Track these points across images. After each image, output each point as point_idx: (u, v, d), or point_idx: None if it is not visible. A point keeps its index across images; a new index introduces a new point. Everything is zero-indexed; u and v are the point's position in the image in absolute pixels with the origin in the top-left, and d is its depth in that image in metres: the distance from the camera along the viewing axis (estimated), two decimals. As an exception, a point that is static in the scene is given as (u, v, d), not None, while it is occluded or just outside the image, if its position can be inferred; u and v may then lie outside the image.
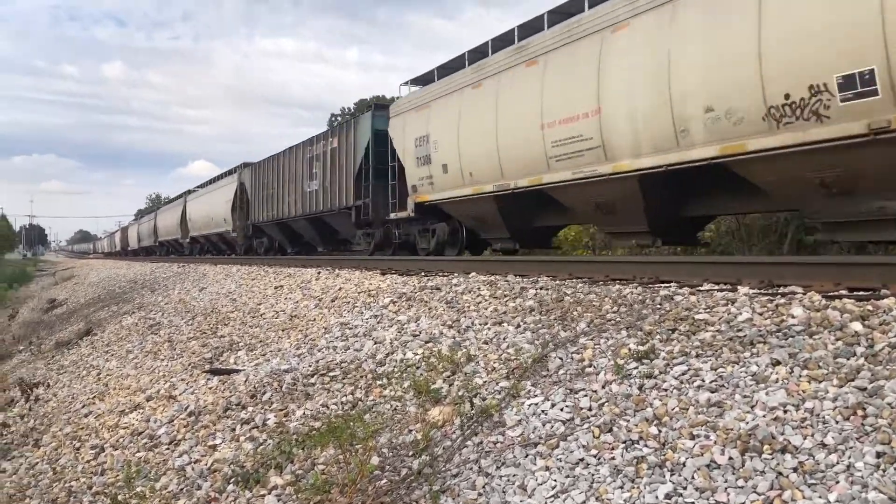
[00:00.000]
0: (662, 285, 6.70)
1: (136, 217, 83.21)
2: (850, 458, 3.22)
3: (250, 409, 6.38)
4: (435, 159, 14.41)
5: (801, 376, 3.91)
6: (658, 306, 5.77)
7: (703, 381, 4.21)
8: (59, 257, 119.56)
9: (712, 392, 4.04)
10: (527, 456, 4.14)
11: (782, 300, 5.11)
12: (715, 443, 3.59)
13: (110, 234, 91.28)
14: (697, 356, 4.55)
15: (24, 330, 21.11)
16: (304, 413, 5.86)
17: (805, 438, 3.41)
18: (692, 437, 3.71)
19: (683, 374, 4.37)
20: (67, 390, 10.45)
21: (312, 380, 6.61)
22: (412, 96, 15.82)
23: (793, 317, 4.68)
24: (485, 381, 5.25)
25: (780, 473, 3.27)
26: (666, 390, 4.26)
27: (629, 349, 4.94)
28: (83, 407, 9.01)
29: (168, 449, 6.30)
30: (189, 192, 42.23)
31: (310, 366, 7.00)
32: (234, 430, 6.08)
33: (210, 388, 7.42)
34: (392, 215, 16.68)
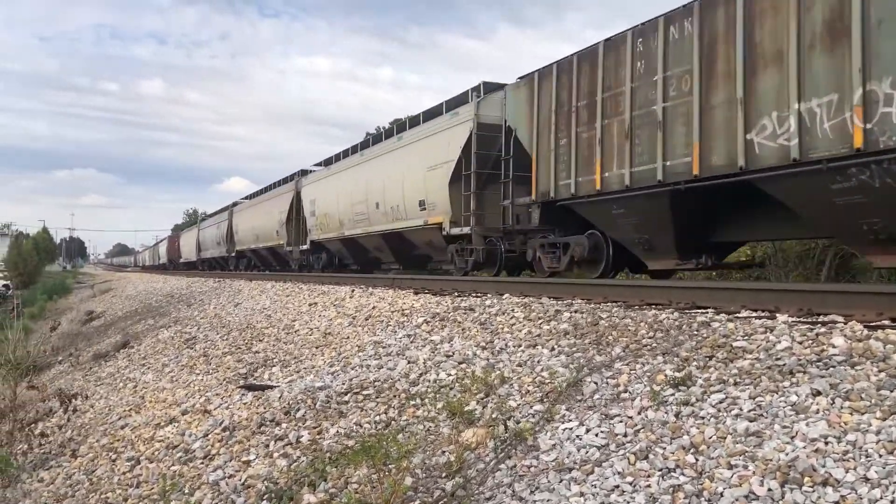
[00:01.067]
0: (699, 311, 6.65)
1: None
2: (893, 493, 3.16)
3: (284, 425, 6.43)
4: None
5: (842, 408, 3.84)
6: (695, 332, 5.72)
7: (741, 409, 4.16)
8: (97, 270, 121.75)
9: (751, 421, 3.99)
10: (561, 481, 4.12)
11: (822, 329, 5.03)
12: (754, 473, 3.54)
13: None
14: (735, 384, 4.50)
15: (62, 341, 21.51)
16: (337, 431, 5.89)
17: (847, 472, 3.35)
18: (730, 467, 3.66)
19: (721, 402, 4.32)
20: (104, 402, 10.62)
21: (346, 398, 6.64)
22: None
23: (833, 346, 4.61)
24: (519, 404, 5.24)
25: (821, 507, 3.22)
26: (703, 418, 4.22)
27: (665, 375, 4.90)
28: (119, 419, 9.15)
29: (202, 463, 6.36)
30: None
31: (343, 384, 7.04)
32: (267, 446, 6.13)
33: (244, 404, 7.49)
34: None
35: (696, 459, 3.84)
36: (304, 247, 25.77)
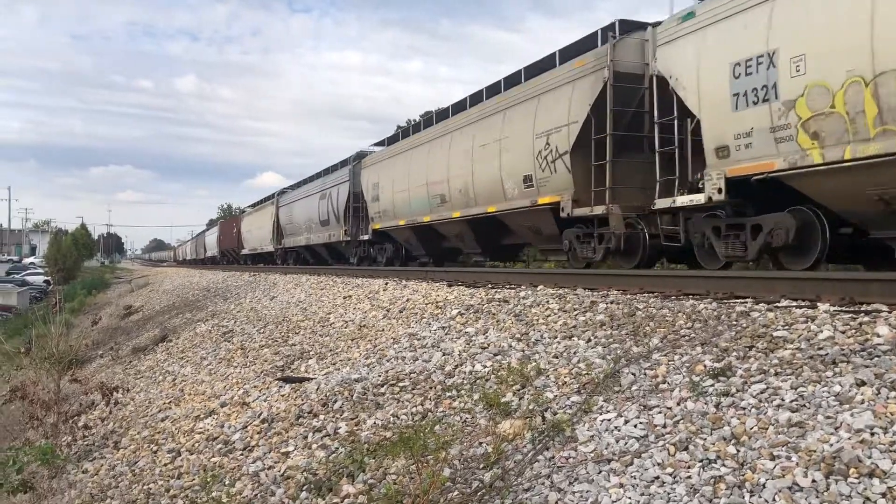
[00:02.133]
0: (738, 301, 6.57)
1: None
2: (943, 484, 3.10)
3: (322, 417, 6.49)
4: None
5: (888, 398, 3.77)
6: (734, 322, 5.66)
7: (782, 400, 4.10)
8: (134, 265, 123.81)
9: (793, 412, 3.94)
10: (600, 472, 4.10)
11: (866, 318, 4.94)
12: (797, 464, 3.50)
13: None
14: (776, 374, 4.44)
15: (102, 335, 21.92)
16: (374, 422, 5.92)
17: (894, 463, 3.29)
18: (772, 458, 3.61)
19: (762, 392, 4.27)
20: (144, 395, 10.81)
21: (382, 389, 6.68)
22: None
23: (878, 336, 4.53)
24: (556, 396, 5.23)
25: (868, 499, 3.17)
26: (744, 409, 4.17)
27: (704, 366, 4.85)
28: (160, 411, 9.30)
29: (242, 455, 6.44)
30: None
31: (379, 375, 7.08)
32: (306, 437, 6.18)
33: (282, 396, 7.57)
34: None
35: (738, 450, 3.80)
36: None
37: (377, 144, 24.24)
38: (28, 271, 70.32)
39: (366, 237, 22.56)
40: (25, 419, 10.01)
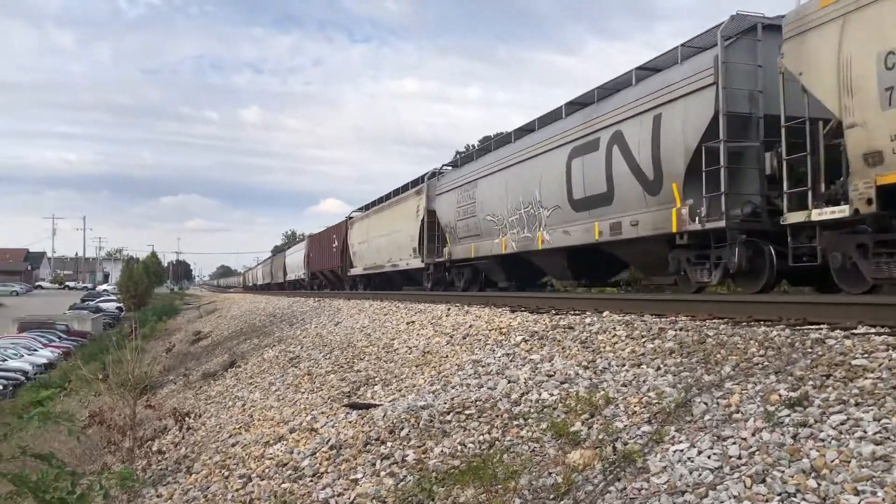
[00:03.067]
0: (812, 327, 6.39)
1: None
2: None
3: (389, 444, 6.53)
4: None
5: (978, 431, 3.62)
6: (809, 350, 5.51)
7: (864, 432, 3.98)
8: (202, 291, 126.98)
9: (877, 444, 3.81)
10: (674, 504, 4.03)
11: (952, 346, 4.76)
12: (883, 500, 3.38)
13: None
14: (857, 405, 4.31)
15: (172, 360, 22.54)
16: (442, 450, 5.94)
17: None
18: (856, 493, 3.50)
19: (842, 423, 4.15)
20: (215, 420, 11.05)
21: (449, 417, 6.69)
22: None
23: (965, 365, 4.36)
24: (626, 425, 5.16)
25: (960, 537, 3.04)
26: (823, 440, 4.06)
27: (780, 395, 4.74)
28: (230, 437, 9.49)
29: (311, 481, 6.52)
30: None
31: (445, 403, 7.09)
32: (374, 464, 6.23)
33: (350, 422, 7.65)
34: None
35: (819, 484, 3.69)
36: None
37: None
38: (101, 298, 72.97)
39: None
40: (103, 444, 10.34)
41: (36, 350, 38.03)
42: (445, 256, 20.76)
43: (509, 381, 7.11)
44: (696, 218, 10.54)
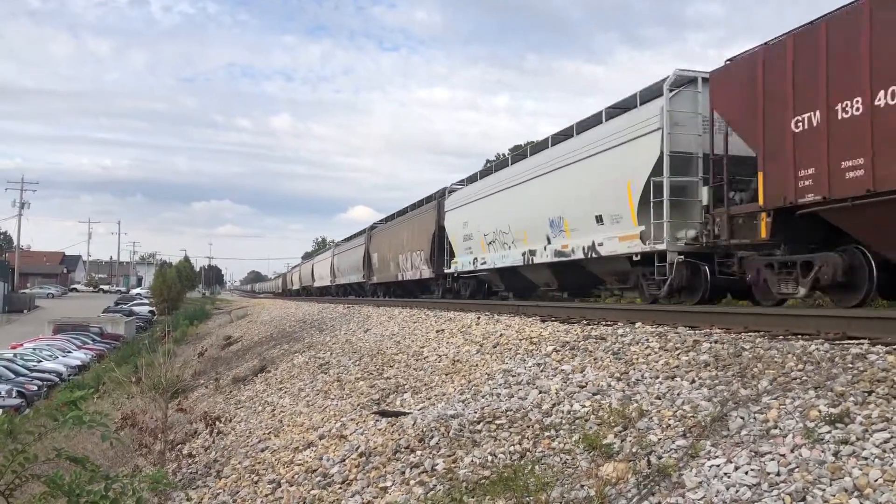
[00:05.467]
0: (852, 342, 6.25)
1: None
2: None
3: (419, 452, 6.50)
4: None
5: None
6: (849, 365, 5.38)
7: (909, 451, 3.86)
8: (233, 296, 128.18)
9: (922, 464, 3.70)
10: (710, 521, 3.95)
11: None
12: (929, 522, 3.27)
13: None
14: (901, 423, 4.19)
15: (203, 365, 22.72)
16: (472, 460, 5.89)
17: None
18: (901, 514, 3.40)
19: (886, 441, 4.04)
20: (245, 425, 11.11)
21: (479, 427, 6.64)
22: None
23: None
24: (660, 439, 5.08)
25: None
26: (866, 458, 3.95)
27: (819, 411, 4.62)
28: (259, 442, 9.53)
29: (341, 488, 6.52)
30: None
31: (475, 412, 7.05)
32: (403, 473, 6.21)
33: (379, 430, 7.63)
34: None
35: (861, 503, 3.59)
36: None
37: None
38: (135, 301, 73.95)
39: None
40: (135, 446, 10.43)
41: (70, 352, 38.62)
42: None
43: (540, 392, 7.04)
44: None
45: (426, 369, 9.98)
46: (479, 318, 13.02)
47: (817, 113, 8.86)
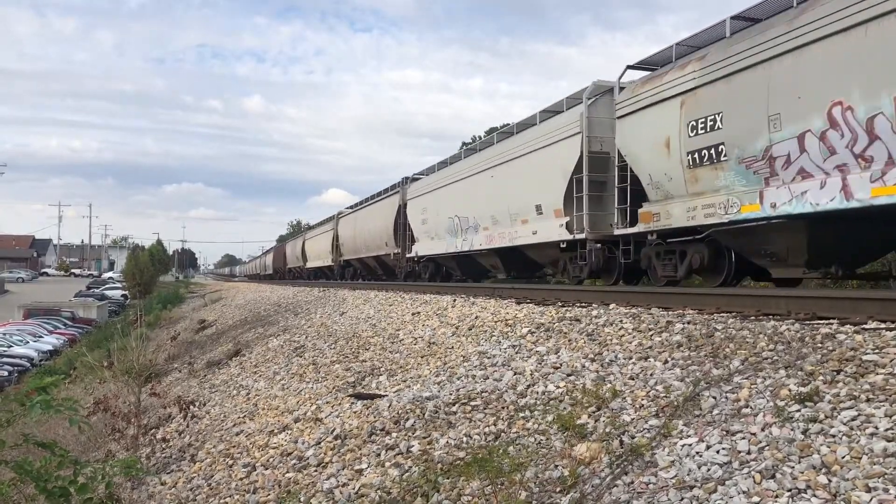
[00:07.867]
0: (821, 322, 6.34)
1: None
2: None
3: (394, 434, 6.51)
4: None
5: None
6: (819, 345, 5.46)
7: (876, 428, 3.93)
8: (207, 280, 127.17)
9: (888, 441, 3.76)
10: (682, 499, 3.99)
11: (965, 342, 4.70)
12: (895, 497, 3.33)
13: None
14: (868, 401, 4.26)
15: (177, 349, 22.56)
16: (447, 442, 5.91)
17: None
18: (868, 490, 3.46)
19: (853, 419, 4.10)
20: (219, 409, 11.04)
21: (454, 408, 6.66)
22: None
23: (979, 361, 4.30)
24: (633, 419, 5.12)
25: (975, 536, 3.00)
26: (834, 436, 4.01)
27: (789, 390, 4.69)
28: (234, 426, 9.48)
29: (316, 471, 6.51)
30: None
31: (450, 394, 7.06)
32: (379, 455, 6.21)
33: (354, 413, 7.63)
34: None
35: (829, 480, 3.65)
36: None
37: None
38: (107, 286, 73.14)
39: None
40: (108, 431, 10.34)
41: (41, 337, 38.17)
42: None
43: (515, 373, 7.07)
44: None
45: (402, 352, 9.97)
46: (454, 300, 13.03)
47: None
